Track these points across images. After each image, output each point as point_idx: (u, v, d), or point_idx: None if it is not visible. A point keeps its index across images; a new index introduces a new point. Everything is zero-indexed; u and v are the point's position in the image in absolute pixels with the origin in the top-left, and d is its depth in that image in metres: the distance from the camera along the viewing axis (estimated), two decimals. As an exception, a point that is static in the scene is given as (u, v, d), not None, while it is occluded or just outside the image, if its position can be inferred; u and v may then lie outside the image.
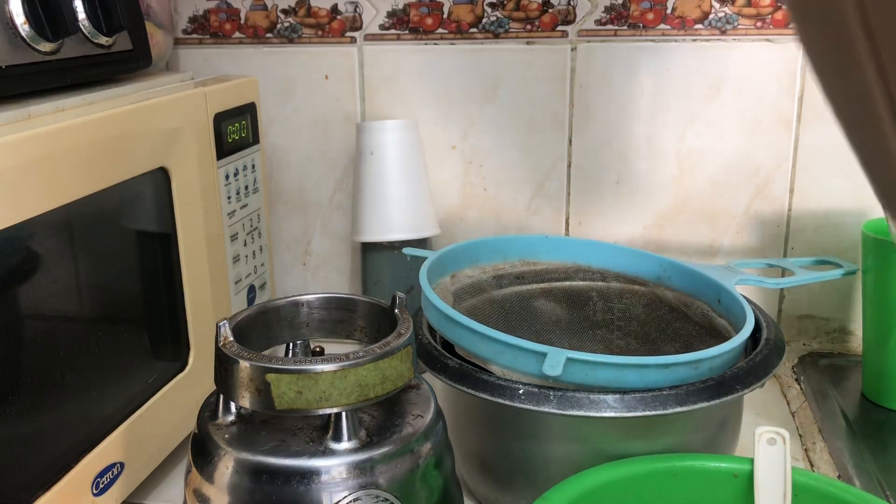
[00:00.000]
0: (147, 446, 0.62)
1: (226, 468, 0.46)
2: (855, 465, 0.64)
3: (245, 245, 0.75)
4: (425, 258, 0.68)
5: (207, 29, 0.90)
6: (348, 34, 0.88)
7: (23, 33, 0.54)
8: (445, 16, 0.86)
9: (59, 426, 0.54)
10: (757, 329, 0.61)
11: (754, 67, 0.82)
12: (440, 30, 0.86)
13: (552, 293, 0.75)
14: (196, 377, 0.67)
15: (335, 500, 0.45)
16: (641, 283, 0.73)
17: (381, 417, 0.49)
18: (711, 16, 0.82)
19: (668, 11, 0.82)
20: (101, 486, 0.57)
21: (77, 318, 0.56)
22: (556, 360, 0.52)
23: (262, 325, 0.53)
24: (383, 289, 0.85)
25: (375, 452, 0.46)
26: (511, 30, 0.85)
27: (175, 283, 0.65)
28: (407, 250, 0.72)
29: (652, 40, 0.83)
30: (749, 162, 0.84)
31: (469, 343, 0.57)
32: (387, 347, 0.47)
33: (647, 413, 0.51)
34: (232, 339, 0.47)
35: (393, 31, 0.87)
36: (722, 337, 0.66)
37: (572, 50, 0.85)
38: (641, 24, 0.83)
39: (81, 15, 0.60)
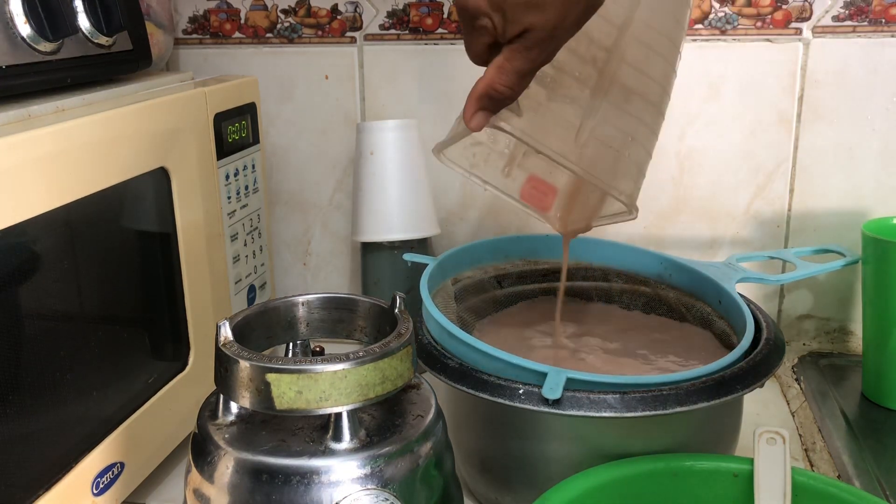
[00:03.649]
0: (147, 446, 0.62)
1: (226, 468, 0.46)
2: (855, 465, 0.64)
3: (245, 245, 0.75)
4: (426, 263, 0.68)
5: (207, 29, 0.90)
6: (348, 34, 0.88)
7: (23, 33, 0.54)
8: (445, 16, 0.86)
9: (59, 426, 0.54)
10: (757, 329, 0.61)
11: (754, 67, 0.82)
12: (440, 30, 0.86)
13: (554, 293, 0.75)
14: (196, 377, 0.67)
15: (335, 500, 0.45)
16: (643, 282, 0.73)
17: (381, 417, 0.49)
18: (711, 16, 0.82)
19: (668, 11, 0.82)
20: (101, 486, 0.57)
21: (77, 318, 0.56)
22: (555, 382, 0.52)
23: (262, 325, 0.53)
24: (383, 289, 0.85)
25: (375, 452, 0.46)
26: (511, 30, 0.85)
27: (175, 283, 0.65)
28: (408, 256, 0.72)
29: (652, 40, 0.83)
30: (749, 162, 0.84)
31: (470, 359, 0.57)
32: (387, 347, 0.47)
33: (647, 413, 0.51)
34: (232, 339, 0.47)
35: (393, 31, 0.87)
36: (721, 340, 0.66)
37: (572, 50, 0.84)
38: (641, 24, 0.83)
39: (81, 15, 0.60)
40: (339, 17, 0.88)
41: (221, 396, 0.49)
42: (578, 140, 0.53)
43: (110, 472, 0.58)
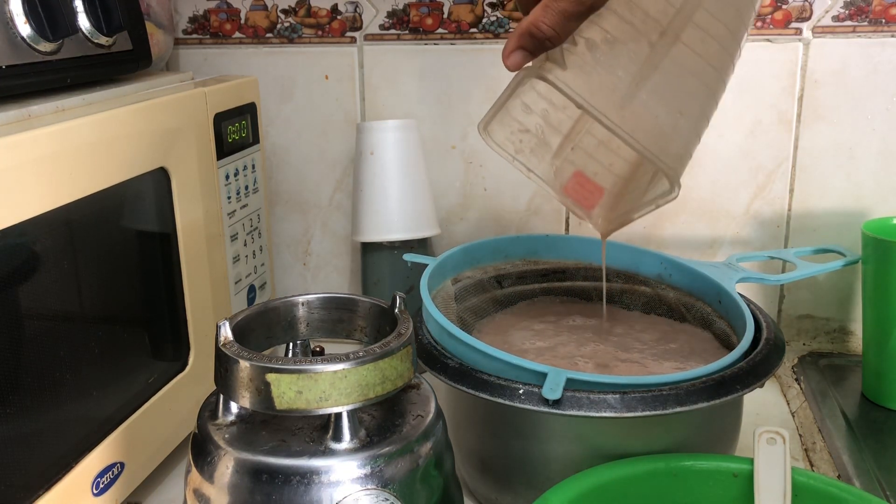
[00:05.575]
0: (147, 446, 0.62)
1: (226, 468, 0.46)
2: (855, 465, 0.64)
3: (245, 245, 0.75)
4: (426, 264, 0.68)
5: (207, 29, 0.90)
6: (348, 34, 0.88)
7: (23, 33, 0.54)
8: (445, 16, 0.86)
9: (59, 426, 0.54)
10: (757, 329, 0.61)
11: (754, 67, 0.82)
12: (440, 30, 0.86)
13: (554, 293, 0.75)
14: (196, 377, 0.67)
15: (335, 500, 0.45)
16: (643, 282, 0.73)
17: (381, 417, 0.49)
18: (711, 16, 0.82)
19: (668, 11, 0.82)
20: (101, 486, 0.57)
21: (77, 318, 0.56)
22: (555, 383, 0.52)
23: (262, 325, 0.53)
24: (383, 289, 0.85)
25: (375, 452, 0.46)
26: (511, 30, 0.85)
27: (175, 283, 0.65)
28: (408, 256, 0.72)
29: (652, 40, 0.83)
30: (749, 162, 0.84)
31: (470, 359, 0.57)
32: (387, 347, 0.47)
33: (647, 413, 0.51)
34: (232, 339, 0.47)
35: (393, 31, 0.87)
36: (721, 340, 0.66)
37: (572, 50, 0.84)
38: (641, 24, 0.83)
39: (81, 15, 0.60)
40: (339, 17, 0.88)
41: (221, 396, 0.49)
42: (624, 105, 0.51)
43: (110, 473, 0.58)
